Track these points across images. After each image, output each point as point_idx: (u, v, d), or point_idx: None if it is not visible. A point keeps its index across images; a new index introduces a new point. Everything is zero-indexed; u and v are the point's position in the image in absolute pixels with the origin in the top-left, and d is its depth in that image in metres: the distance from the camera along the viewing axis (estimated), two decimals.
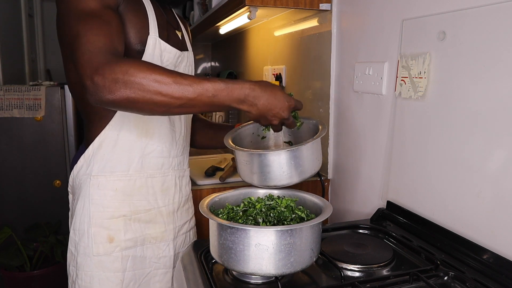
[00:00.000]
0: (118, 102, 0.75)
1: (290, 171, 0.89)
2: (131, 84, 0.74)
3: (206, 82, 0.78)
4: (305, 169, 0.91)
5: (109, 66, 0.75)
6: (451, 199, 0.92)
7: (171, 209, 1.07)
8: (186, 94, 0.77)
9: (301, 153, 0.89)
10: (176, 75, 0.77)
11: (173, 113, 0.87)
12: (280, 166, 0.88)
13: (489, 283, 0.76)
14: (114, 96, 0.74)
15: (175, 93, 0.76)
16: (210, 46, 3.36)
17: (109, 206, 0.98)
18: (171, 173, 1.07)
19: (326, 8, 1.40)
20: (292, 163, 0.88)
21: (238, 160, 0.95)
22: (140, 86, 0.74)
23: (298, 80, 1.70)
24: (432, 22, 0.96)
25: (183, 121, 1.09)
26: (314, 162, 0.93)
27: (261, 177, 0.90)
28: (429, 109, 0.97)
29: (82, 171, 0.99)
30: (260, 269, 0.73)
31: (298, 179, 0.90)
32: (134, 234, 1.00)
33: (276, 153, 0.88)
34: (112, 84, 0.74)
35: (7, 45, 2.84)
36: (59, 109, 2.28)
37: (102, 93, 0.74)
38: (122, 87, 0.74)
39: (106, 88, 0.74)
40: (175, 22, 1.12)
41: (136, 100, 0.75)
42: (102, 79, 0.74)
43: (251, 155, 0.90)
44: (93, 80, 0.74)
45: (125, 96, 0.74)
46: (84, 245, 0.97)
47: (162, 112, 0.79)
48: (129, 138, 0.98)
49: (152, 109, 0.78)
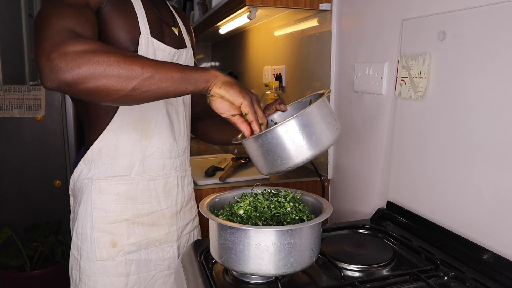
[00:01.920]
0: (80, 80, 0.68)
1: (304, 142, 0.80)
2: (95, 59, 0.68)
3: (171, 62, 0.76)
4: (320, 137, 0.81)
5: (71, 43, 0.69)
6: (451, 199, 0.92)
7: (174, 210, 1.07)
8: (153, 64, 0.73)
9: (310, 118, 0.80)
10: (141, 56, 0.74)
11: (142, 92, 0.73)
12: (291, 140, 0.79)
13: (489, 283, 0.76)
14: (76, 73, 0.67)
15: (143, 64, 0.71)
16: (210, 46, 3.36)
17: (112, 210, 0.97)
18: (173, 174, 1.06)
19: (326, 8, 1.40)
20: (303, 132, 0.79)
21: (250, 153, 0.87)
22: (106, 60, 0.69)
23: (298, 80, 1.70)
24: (432, 22, 0.96)
25: (182, 121, 1.08)
26: (329, 127, 0.83)
27: (277, 160, 0.81)
28: (429, 109, 0.97)
29: (83, 175, 0.98)
30: (260, 269, 0.73)
31: (316, 150, 0.81)
32: (137, 238, 1.00)
33: (281, 125, 0.79)
34: (73, 61, 0.67)
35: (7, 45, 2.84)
36: (59, 109, 2.28)
37: (62, 72, 0.67)
38: (85, 63, 0.68)
39: (67, 66, 0.67)
40: (171, 18, 1.08)
41: (102, 75, 0.69)
42: (63, 56, 0.67)
43: (257, 139, 0.82)
44: (50, 58, 0.67)
45: (90, 72, 0.68)
46: (87, 249, 0.96)
47: (131, 89, 0.71)
48: (129, 141, 0.97)
49: (120, 87, 0.71)
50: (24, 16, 3.19)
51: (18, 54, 3.13)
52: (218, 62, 3.20)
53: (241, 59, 2.49)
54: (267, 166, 0.84)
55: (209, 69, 0.78)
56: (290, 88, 1.78)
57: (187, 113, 1.11)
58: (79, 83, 0.68)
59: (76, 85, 0.68)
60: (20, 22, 3.17)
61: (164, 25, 1.02)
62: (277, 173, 0.84)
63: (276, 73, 1.86)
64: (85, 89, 0.69)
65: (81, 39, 0.71)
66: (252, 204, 0.83)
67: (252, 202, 0.84)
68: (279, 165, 0.82)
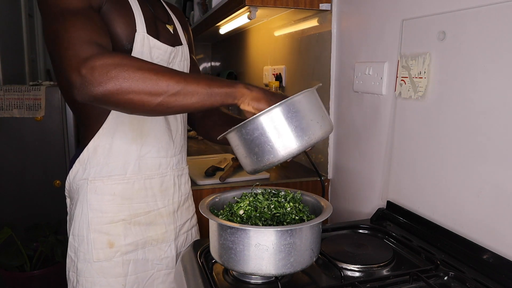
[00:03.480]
0: (109, 95, 0.71)
1: (289, 133, 0.73)
2: (124, 76, 0.70)
3: (200, 74, 0.77)
4: (306, 129, 0.74)
5: (98, 57, 0.71)
6: (451, 199, 0.92)
7: (171, 209, 1.06)
8: (181, 80, 0.74)
9: (296, 107, 0.74)
10: (168, 68, 0.76)
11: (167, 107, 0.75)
12: (275, 130, 0.72)
13: (489, 283, 0.76)
14: (105, 88, 0.70)
15: (170, 80, 0.73)
16: (210, 46, 3.36)
17: (108, 211, 0.96)
18: (170, 173, 1.05)
19: (326, 8, 1.40)
20: (288, 122, 0.73)
21: (234, 149, 0.81)
22: (133, 76, 0.71)
23: (298, 80, 1.70)
24: (432, 22, 0.96)
25: (179, 119, 1.07)
26: (316, 120, 0.76)
27: (260, 154, 0.74)
28: (429, 109, 0.97)
29: (78, 176, 0.97)
30: (260, 269, 0.73)
31: (302, 143, 0.74)
32: (134, 238, 0.99)
33: (264, 113, 0.72)
34: (102, 76, 0.70)
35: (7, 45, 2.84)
36: (59, 109, 2.28)
37: (92, 86, 0.70)
38: (113, 78, 0.70)
39: (96, 80, 0.69)
40: (165, 15, 1.07)
41: (129, 91, 0.71)
42: (90, 71, 0.70)
43: (239, 131, 0.75)
44: (81, 73, 0.70)
45: (117, 87, 0.70)
46: (84, 251, 0.95)
47: (157, 104, 0.73)
48: (124, 140, 0.96)
49: (147, 102, 0.73)
50: (24, 16, 3.19)
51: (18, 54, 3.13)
52: (218, 62, 3.20)
53: (241, 59, 2.49)
54: (251, 162, 0.77)
55: (236, 85, 0.78)
56: (290, 88, 1.78)
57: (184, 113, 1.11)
58: (108, 97, 0.71)
59: (105, 99, 0.72)
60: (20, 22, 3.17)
61: (159, 23, 1.02)
62: (262, 169, 0.76)
63: (276, 73, 1.86)
64: (114, 103, 0.73)
65: (106, 53, 0.73)
66: (252, 204, 0.83)
67: (252, 202, 0.84)
68: (261, 160, 0.75)
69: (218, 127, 1.15)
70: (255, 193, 0.88)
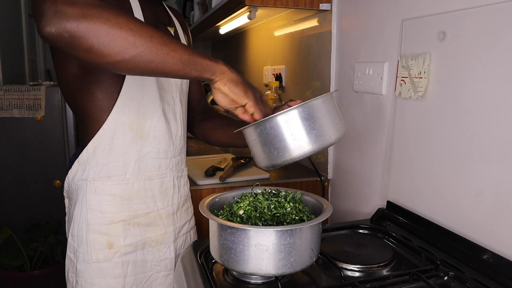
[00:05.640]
0: (84, 31, 0.63)
1: (303, 135, 0.76)
2: (106, 15, 0.64)
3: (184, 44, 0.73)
4: (321, 133, 0.78)
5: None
6: (451, 199, 0.92)
7: (171, 211, 1.06)
8: (165, 37, 0.69)
9: (313, 111, 0.77)
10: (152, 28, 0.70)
11: (145, 61, 0.69)
12: (290, 132, 0.76)
13: (489, 283, 0.76)
14: (82, 23, 0.63)
15: (154, 33, 0.68)
16: (210, 46, 3.36)
17: (107, 211, 0.96)
18: (169, 174, 1.05)
19: (326, 8, 1.40)
20: (304, 124, 0.76)
21: (249, 144, 0.84)
22: (116, 19, 0.65)
23: (298, 80, 1.70)
24: (432, 22, 0.96)
25: (179, 120, 1.06)
26: (332, 125, 0.80)
27: (273, 152, 0.78)
28: (429, 109, 0.97)
29: (77, 176, 0.97)
30: (260, 269, 0.73)
31: (315, 146, 0.77)
32: (134, 238, 0.99)
33: (282, 114, 0.76)
34: (81, 9, 0.63)
35: (7, 45, 2.84)
36: (59, 109, 2.28)
37: (66, 17, 0.62)
38: (93, 15, 0.63)
39: (72, 12, 0.62)
40: (166, 17, 1.07)
41: (107, 33, 0.64)
42: (70, 2, 0.63)
43: (257, 127, 0.79)
44: (57, 2, 0.62)
45: (95, 25, 0.63)
46: (83, 251, 0.95)
47: (134, 55, 0.67)
48: (124, 141, 0.95)
49: (124, 48, 0.66)
50: (24, 16, 3.19)
51: (18, 54, 3.13)
52: None
53: (241, 59, 2.49)
54: (265, 158, 0.81)
55: (218, 61, 0.76)
56: (290, 88, 1.78)
57: (184, 113, 1.10)
58: (81, 35, 0.63)
59: (77, 37, 0.63)
60: (20, 22, 3.18)
61: (160, 25, 1.02)
62: (273, 166, 0.81)
63: (276, 73, 1.86)
64: (85, 44, 0.64)
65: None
66: (252, 204, 0.83)
67: (252, 202, 0.84)
68: (275, 157, 0.78)
69: (218, 129, 1.16)
70: (255, 193, 0.88)
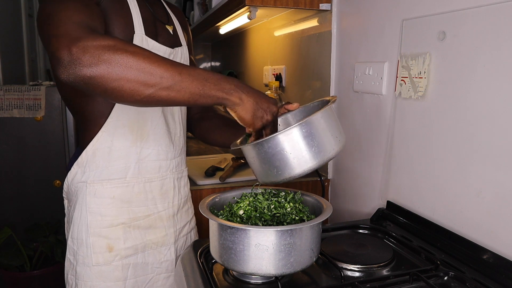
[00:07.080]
0: (98, 78, 0.66)
1: (304, 153, 0.75)
2: (115, 59, 0.66)
3: (197, 68, 0.74)
4: (321, 149, 0.76)
5: (92, 38, 0.67)
6: (451, 199, 0.92)
7: (171, 213, 1.05)
8: (176, 75, 0.69)
9: (312, 128, 0.76)
10: (165, 58, 0.72)
11: (157, 100, 0.71)
12: (289, 150, 0.75)
13: (489, 283, 0.76)
14: (95, 70, 0.65)
15: (164, 72, 0.69)
16: (210, 46, 3.36)
17: (107, 214, 0.95)
18: (170, 176, 1.04)
19: (326, 8, 1.40)
20: (304, 142, 0.75)
21: (248, 160, 0.84)
22: (126, 61, 0.66)
23: (298, 80, 1.70)
24: (432, 22, 0.96)
25: (177, 121, 1.06)
26: (331, 139, 0.78)
27: (273, 170, 0.77)
28: (429, 109, 0.97)
29: (77, 178, 0.96)
30: (260, 269, 0.73)
31: (315, 162, 0.76)
32: (134, 241, 0.98)
33: (282, 133, 0.74)
34: (94, 57, 0.65)
35: (7, 45, 2.84)
36: (59, 109, 2.28)
37: (81, 67, 0.65)
38: (105, 62, 0.65)
39: (87, 61, 0.65)
40: (165, 15, 1.06)
41: (120, 77, 0.66)
42: (82, 50, 0.65)
43: (255, 146, 0.78)
44: (71, 51, 0.65)
45: (108, 72, 0.65)
46: (83, 254, 0.94)
47: (146, 96, 0.69)
48: (124, 143, 0.95)
49: (136, 92, 0.68)
50: (24, 16, 3.19)
51: (18, 54, 3.13)
52: (218, 62, 3.19)
53: (241, 59, 2.49)
54: (264, 175, 0.80)
55: (231, 91, 0.75)
56: (290, 88, 1.78)
57: (183, 114, 1.10)
58: (96, 81, 0.66)
59: (92, 82, 0.66)
60: (20, 22, 3.18)
61: (158, 23, 1.00)
62: (273, 183, 0.80)
63: (276, 73, 1.86)
64: (101, 87, 0.67)
65: (99, 35, 0.69)
66: (252, 204, 0.83)
67: (252, 202, 0.84)
68: (275, 175, 0.78)
69: (216, 130, 1.15)
70: (255, 193, 0.88)
